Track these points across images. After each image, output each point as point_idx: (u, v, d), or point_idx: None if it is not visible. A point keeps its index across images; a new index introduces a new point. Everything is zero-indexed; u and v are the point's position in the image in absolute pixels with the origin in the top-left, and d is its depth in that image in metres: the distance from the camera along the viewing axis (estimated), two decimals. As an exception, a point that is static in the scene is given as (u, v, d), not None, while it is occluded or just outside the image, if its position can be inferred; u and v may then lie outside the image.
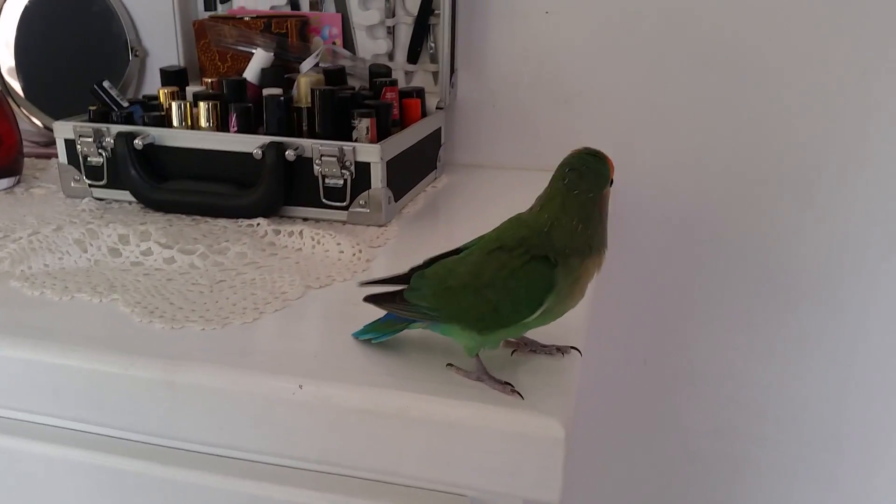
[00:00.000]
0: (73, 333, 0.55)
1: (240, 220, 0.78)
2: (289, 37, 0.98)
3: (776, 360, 1.05)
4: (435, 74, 1.01)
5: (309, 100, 0.82)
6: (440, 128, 0.97)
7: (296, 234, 0.73)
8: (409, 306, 0.48)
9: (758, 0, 0.91)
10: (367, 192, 0.77)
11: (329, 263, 0.68)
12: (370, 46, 1.01)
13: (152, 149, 0.80)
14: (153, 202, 0.80)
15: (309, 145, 0.76)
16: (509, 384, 0.46)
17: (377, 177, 0.76)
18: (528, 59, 1.00)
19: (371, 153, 0.75)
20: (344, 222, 0.78)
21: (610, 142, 1.00)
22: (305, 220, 0.79)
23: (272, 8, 1.03)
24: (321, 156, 0.76)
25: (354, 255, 0.69)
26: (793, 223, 0.98)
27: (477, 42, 1.01)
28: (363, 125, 0.77)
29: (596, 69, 0.98)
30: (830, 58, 0.91)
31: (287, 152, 0.76)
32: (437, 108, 0.97)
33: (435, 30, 0.99)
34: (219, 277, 0.64)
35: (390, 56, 1.02)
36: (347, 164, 0.76)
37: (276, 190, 0.77)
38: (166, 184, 0.80)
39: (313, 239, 0.72)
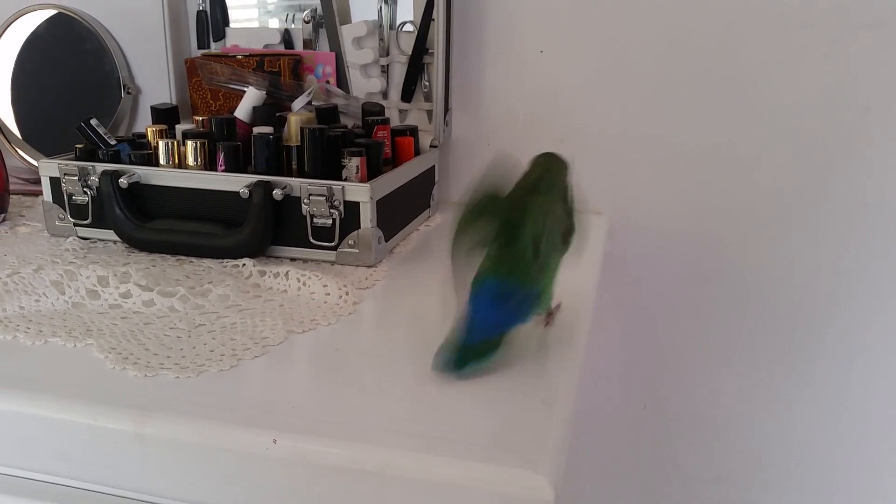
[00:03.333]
0: (43, 381, 0.52)
1: (225, 260, 0.75)
2: (281, 75, 0.97)
3: (779, 406, 1.02)
4: (429, 113, 0.99)
5: (299, 138, 0.81)
6: (434, 166, 0.96)
7: (281, 275, 0.71)
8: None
9: (754, 40, 0.90)
10: (356, 232, 0.75)
11: (314, 306, 0.65)
12: (364, 85, 1.00)
13: (138, 188, 0.79)
14: (137, 242, 0.78)
15: (297, 184, 0.74)
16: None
17: (366, 216, 0.74)
18: (523, 98, 0.99)
19: (360, 192, 0.73)
20: (332, 262, 0.76)
21: (605, 180, 0.98)
22: (293, 260, 0.77)
23: (265, 46, 1.02)
24: (309, 195, 0.74)
25: (341, 297, 0.67)
26: (794, 266, 0.96)
27: (472, 81, 1.00)
28: (353, 164, 0.76)
29: (591, 108, 0.97)
30: (827, 100, 0.90)
31: (275, 191, 0.74)
32: (430, 146, 0.96)
33: (429, 69, 0.98)
34: (198, 321, 0.61)
35: (384, 94, 1.01)
36: (336, 203, 0.74)
37: (263, 230, 0.75)
38: (151, 223, 0.78)
39: (299, 280, 0.69)
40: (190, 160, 0.80)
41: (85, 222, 0.82)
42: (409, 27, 0.98)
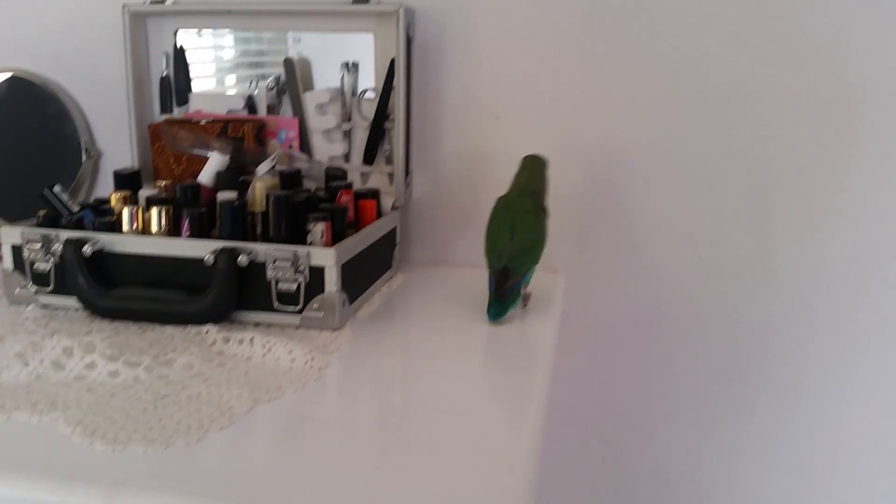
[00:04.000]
0: (8, 457, 0.52)
1: (189, 326, 0.76)
2: (245, 140, 0.99)
3: (741, 460, 1.05)
4: (391, 175, 1.02)
5: (263, 204, 0.83)
6: (396, 227, 0.98)
7: (246, 341, 0.72)
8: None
9: (706, 108, 0.96)
10: (320, 296, 0.76)
11: (280, 373, 0.66)
12: (327, 149, 1.03)
13: (101, 255, 0.79)
14: (100, 309, 0.78)
15: (262, 250, 0.76)
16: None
17: (331, 280, 0.76)
18: (480, 161, 1.02)
19: (325, 257, 0.75)
20: (297, 327, 0.77)
21: (563, 238, 1.02)
22: (257, 325, 0.78)
23: (229, 112, 1.05)
24: (275, 260, 0.75)
25: (307, 362, 0.68)
26: (758, 323, 1.00)
27: (431, 144, 1.03)
28: (318, 229, 0.77)
29: (550, 170, 1.01)
30: (771, 164, 0.95)
31: (239, 258, 0.75)
32: (392, 207, 0.98)
33: (390, 133, 1.01)
34: (164, 392, 0.62)
35: (347, 158, 1.03)
36: (301, 268, 0.75)
37: (227, 296, 0.76)
38: (114, 291, 0.78)
39: (264, 346, 0.70)
40: (154, 226, 0.81)
41: (47, 290, 0.82)
42: (370, 94, 1.01)
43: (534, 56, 0.98)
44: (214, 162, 0.93)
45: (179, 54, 1.05)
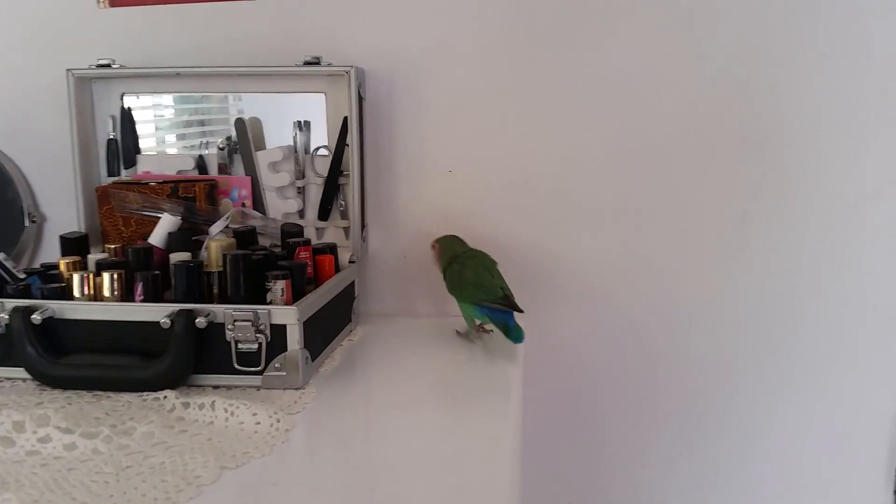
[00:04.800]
0: (-44, 544, 0.49)
1: (145, 393, 0.74)
2: (197, 200, 0.98)
3: (694, 496, 1.06)
4: (346, 230, 1.02)
5: (220, 264, 0.82)
6: (354, 281, 0.98)
7: (206, 405, 0.70)
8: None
9: (661, 160, 0.99)
10: (282, 354, 0.75)
11: (245, 437, 0.65)
12: (280, 206, 1.02)
13: (51, 323, 0.76)
14: (51, 379, 0.75)
15: (221, 311, 0.75)
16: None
17: (294, 338, 0.75)
18: (435, 213, 1.04)
19: (287, 315, 0.74)
20: (258, 387, 0.76)
21: (520, 286, 1.03)
22: (216, 387, 0.76)
23: (179, 172, 1.04)
24: (234, 321, 0.74)
25: (272, 425, 0.66)
26: (699, 366, 1.03)
27: (385, 198, 1.04)
28: (278, 287, 0.77)
29: (499, 223, 1.03)
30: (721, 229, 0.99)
31: (197, 319, 0.74)
32: (349, 262, 0.98)
33: (344, 189, 1.02)
34: (125, 463, 0.59)
35: (301, 214, 1.03)
36: (262, 327, 0.74)
37: (185, 359, 0.74)
38: (66, 359, 0.76)
39: (226, 410, 0.69)
40: (106, 291, 0.79)
41: (-10, 361, 0.78)
42: (323, 151, 1.02)
43: (483, 109, 1.01)
44: (166, 223, 0.92)
45: (126, 116, 1.04)
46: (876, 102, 0.95)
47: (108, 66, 0.99)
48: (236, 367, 0.75)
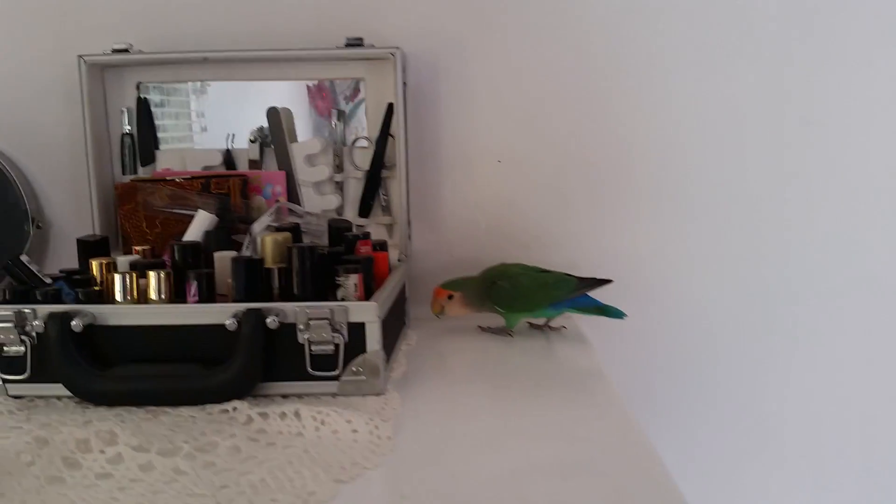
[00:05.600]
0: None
1: (209, 406, 0.65)
2: (231, 197, 0.89)
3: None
4: (389, 227, 0.95)
5: (278, 259, 0.73)
6: (405, 281, 0.90)
7: (290, 415, 0.61)
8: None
9: (714, 141, 0.95)
10: (361, 356, 0.67)
11: (345, 447, 0.57)
12: (318, 202, 0.95)
13: (92, 330, 0.67)
14: (95, 394, 0.66)
15: (292, 309, 0.66)
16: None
17: (373, 338, 0.67)
18: (483, 207, 0.97)
19: (367, 312, 0.67)
20: (334, 395, 0.68)
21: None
22: (285, 396, 0.67)
23: (205, 168, 0.95)
24: (308, 320, 0.66)
25: (371, 432, 0.59)
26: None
27: (430, 192, 0.98)
28: (351, 282, 0.69)
29: (554, 214, 0.97)
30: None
31: (268, 319, 0.65)
32: (398, 260, 0.91)
33: (388, 183, 0.95)
34: (219, 482, 0.51)
35: (339, 211, 0.96)
36: (338, 326, 0.67)
37: (255, 365, 0.66)
38: (110, 371, 0.66)
39: (315, 419, 0.61)
40: (153, 294, 0.70)
41: (19, 378, 0.68)
42: (362, 142, 0.95)
43: (535, 94, 0.95)
44: (201, 220, 0.83)
45: (143, 108, 0.95)
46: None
47: (126, 51, 0.90)
48: (310, 371, 0.67)
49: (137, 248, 0.83)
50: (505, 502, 0.48)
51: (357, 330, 0.67)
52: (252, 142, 0.94)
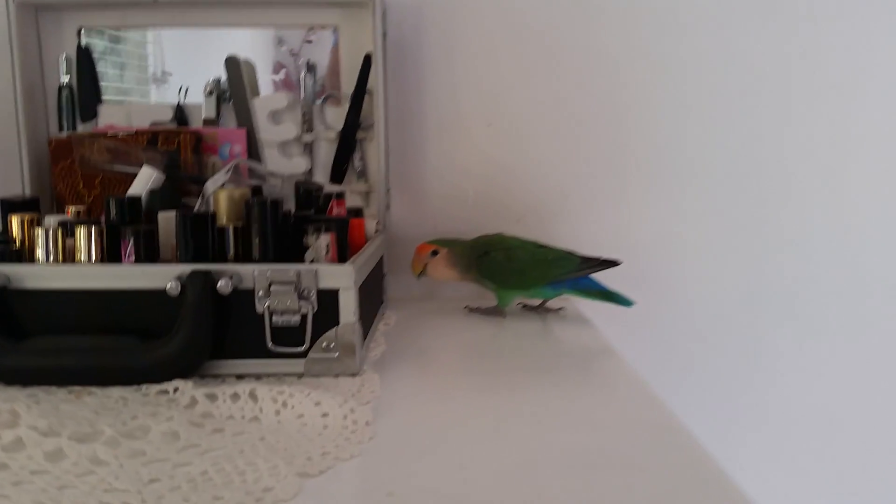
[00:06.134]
0: None
1: (145, 386, 0.53)
2: (182, 155, 0.78)
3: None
4: (366, 195, 0.84)
5: (235, 217, 0.62)
6: (383, 255, 0.80)
7: (244, 396, 0.50)
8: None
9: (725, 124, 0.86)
10: (333, 329, 0.56)
11: (312, 435, 0.46)
12: (284, 165, 0.83)
13: (4, 295, 0.55)
14: (5, 371, 0.54)
15: (251, 272, 0.55)
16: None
17: (348, 308, 0.56)
18: (472, 174, 0.87)
19: (341, 276, 0.56)
20: (300, 375, 0.56)
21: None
22: (240, 377, 0.56)
23: (152, 125, 0.83)
24: (270, 284, 0.55)
25: (346, 417, 0.48)
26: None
27: (411, 157, 0.87)
28: (322, 243, 0.58)
29: (551, 185, 0.87)
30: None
31: (219, 283, 0.54)
32: (375, 231, 0.80)
33: (364, 145, 0.84)
34: (147, 475, 0.39)
35: (308, 176, 0.84)
36: (306, 293, 0.55)
37: (203, 338, 0.54)
38: (26, 343, 0.54)
39: (275, 401, 0.49)
40: (81, 253, 0.58)
41: (-88, 353, 0.56)
42: (335, 99, 0.84)
43: (530, 50, 0.85)
44: (145, 178, 0.71)
45: (84, 56, 0.83)
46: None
47: (64, -12, 0.78)
48: (271, 347, 0.56)
49: (71, 208, 0.71)
50: (524, 500, 0.37)
51: (329, 298, 0.56)
52: (208, 95, 0.83)
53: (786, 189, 0.87)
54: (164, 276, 0.54)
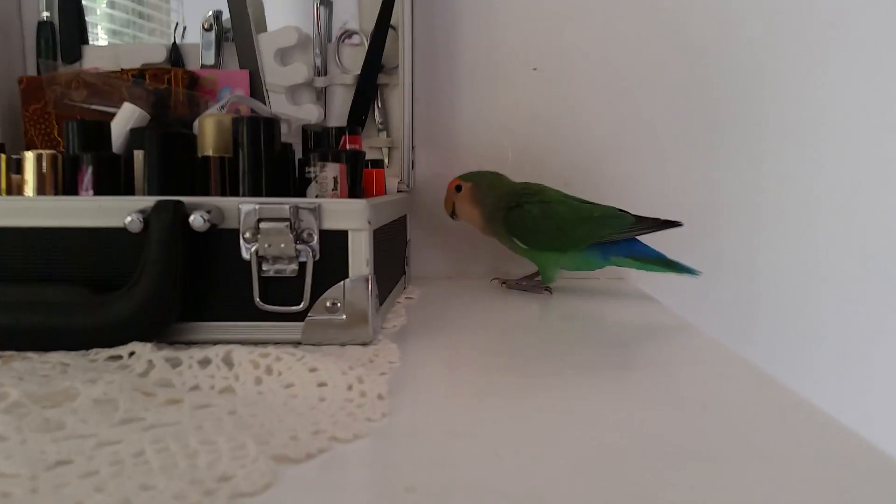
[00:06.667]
0: None
1: (94, 351, 0.41)
2: (172, 94, 0.66)
3: None
4: (389, 150, 0.72)
5: (224, 149, 0.50)
6: (406, 217, 0.67)
7: (216, 361, 0.38)
8: None
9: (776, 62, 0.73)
10: (341, 284, 0.43)
11: (303, 409, 0.33)
12: (292, 113, 0.71)
13: (-77, 232, 0.43)
14: (-83, 329, 0.42)
15: (233, 206, 0.43)
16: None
17: (360, 256, 0.43)
18: (512, 129, 0.74)
19: (350, 214, 0.43)
20: (298, 343, 0.44)
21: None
22: (217, 344, 0.43)
23: (143, 66, 0.71)
24: (258, 222, 0.42)
25: (351, 387, 0.35)
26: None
27: (442, 107, 0.74)
28: (329, 174, 0.46)
29: (606, 143, 0.74)
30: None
31: (192, 217, 0.42)
32: (398, 191, 0.67)
33: (386, 92, 0.72)
34: (56, 455, 0.27)
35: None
36: (306, 235, 0.43)
37: (169, 289, 0.42)
38: (-53, 294, 0.42)
39: (256, 366, 0.37)
40: (28, 188, 0.46)
41: None
42: (355, 39, 0.72)
43: (583, -17, 0.72)
44: (126, 115, 0.60)
45: (68, -11, 0.72)
46: None
47: None
48: (259, 304, 0.43)
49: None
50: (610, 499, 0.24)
51: (335, 243, 0.43)
52: (206, 30, 0.71)
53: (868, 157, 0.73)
54: (123, 210, 0.42)
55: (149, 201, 0.42)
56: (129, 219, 0.41)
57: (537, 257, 0.64)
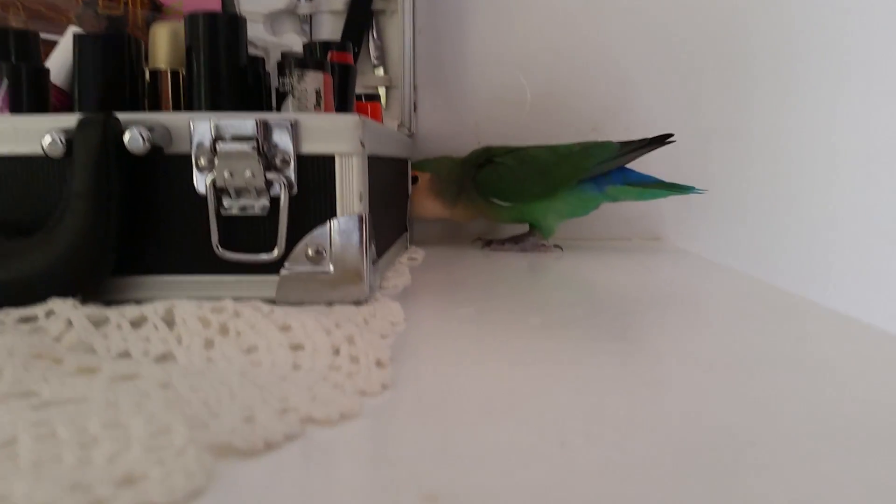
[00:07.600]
0: None
1: (4, 310, 0.31)
2: (129, 22, 0.56)
3: None
4: (386, 89, 0.62)
5: (177, 60, 0.39)
6: (408, 164, 0.57)
7: (153, 319, 0.28)
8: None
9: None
10: (326, 226, 0.34)
11: (269, 381, 0.23)
12: (272, 45, 0.61)
13: None
14: None
15: (180, 123, 0.33)
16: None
17: (350, 189, 0.33)
18: (531, 68, 0.64)
19: (339, 134, 0.33)
20: (272, 302, 0.34)
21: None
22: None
23: (100, -5, 0.61)
24: (216, 141, 0.32)
25: (338, 351, 0.25)
26: None
27: (449, 40, 0.64)
28: (309, 86, 0.35)
29: (642, 83, 0.64)
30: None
31: (128, 135, 0.32)
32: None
33: (383, 21, 0.62)
34: None
35: (306, 66, 0.62)
36: (280, 160, 0.33)
37: (101, 230, 0.32)
38: None
39: (207, 325, 0.27)
40: (-73, 108, 0.36)
41: None
42: (345, -41, 0.61)
43: None
44: (70, 44, 0.49)
45: None
46: None
47: None
48: (219, 252, 0.33)
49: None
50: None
51: (319, 171, 0.33)
52: (172, -51, 0.61)
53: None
54: (41, 131, 0.32)
55: (74, 119, 0.32)
56: (47, 139, 0.32)
57: (527, 212, 0.54)
